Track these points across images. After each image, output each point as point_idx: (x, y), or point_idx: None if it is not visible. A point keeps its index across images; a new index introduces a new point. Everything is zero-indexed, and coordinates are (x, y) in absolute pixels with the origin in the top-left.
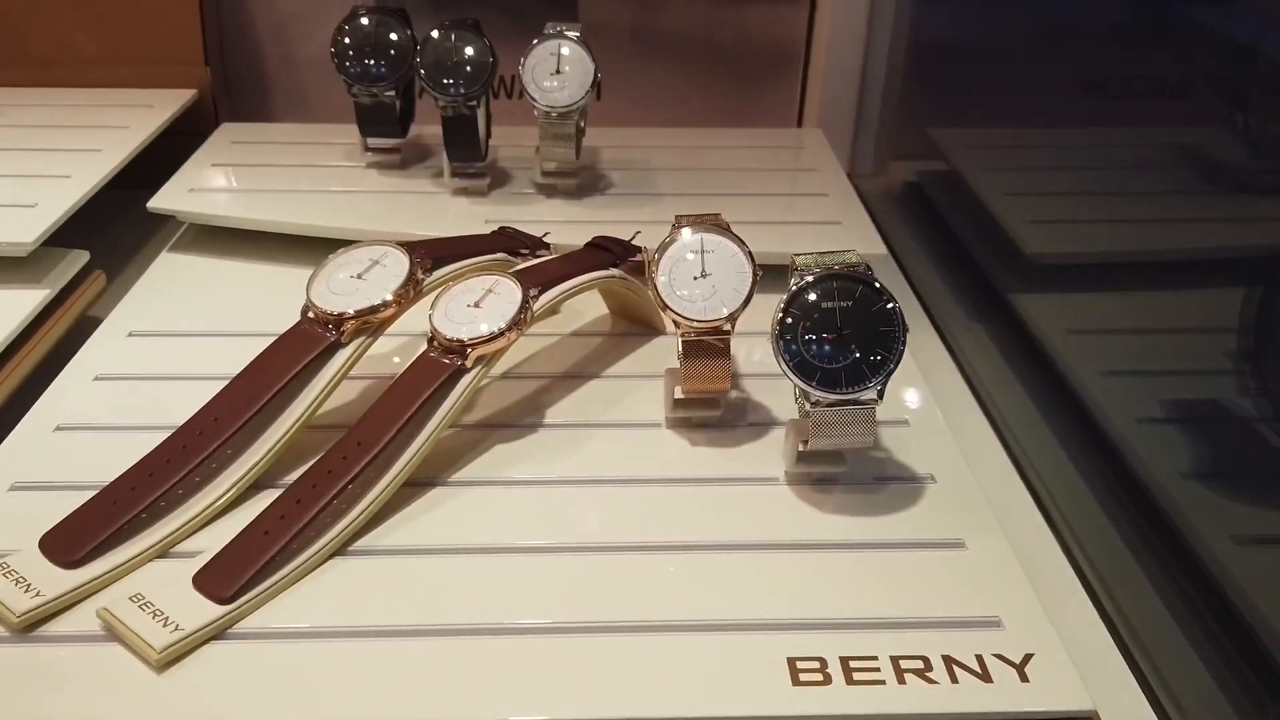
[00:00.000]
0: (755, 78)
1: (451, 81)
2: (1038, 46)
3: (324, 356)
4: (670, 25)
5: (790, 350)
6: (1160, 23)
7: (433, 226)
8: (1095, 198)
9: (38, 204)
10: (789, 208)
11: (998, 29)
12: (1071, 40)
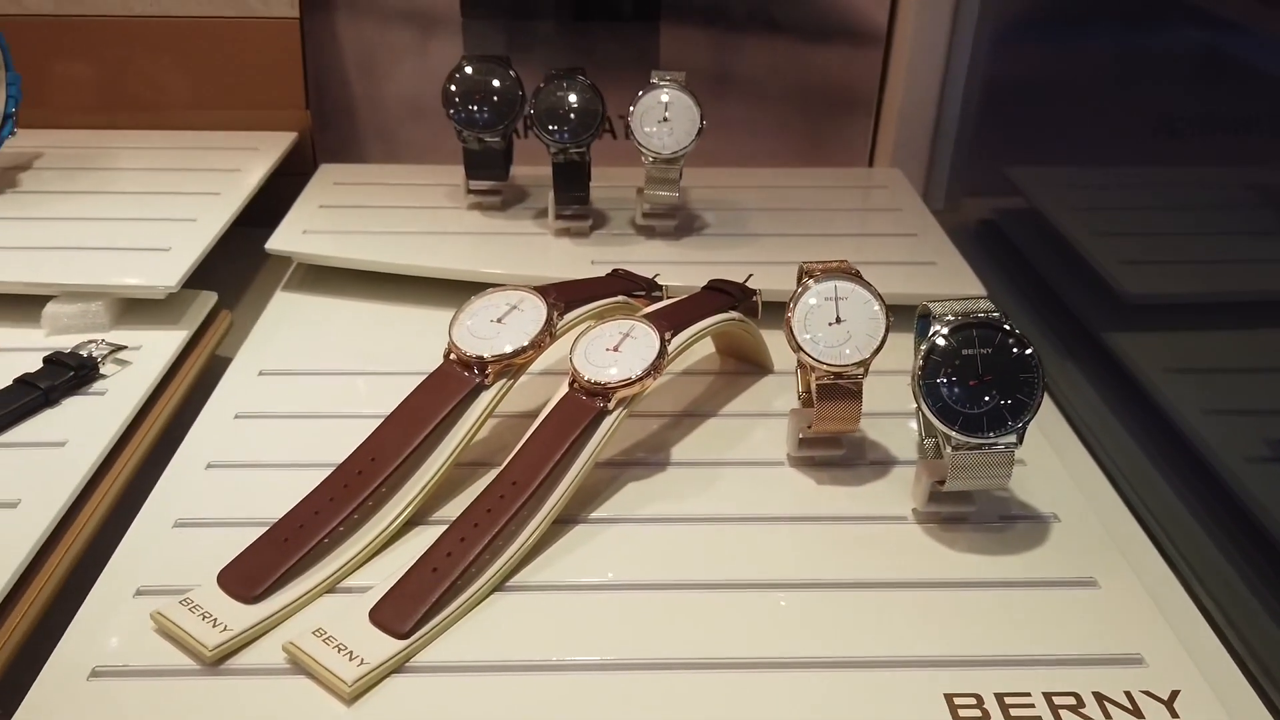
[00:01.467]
0: (828, 117)
1: (559, 128)
2: (1120, 84)
3: (469, 398)
4: (746, 67)
5: (933, 395)
6: (1250, 58)
7: (537, 266)
8: (1186, 237)
9: (171, 248)
10: (881, 248)
11: (1078, 67)
12: (1156, 77)
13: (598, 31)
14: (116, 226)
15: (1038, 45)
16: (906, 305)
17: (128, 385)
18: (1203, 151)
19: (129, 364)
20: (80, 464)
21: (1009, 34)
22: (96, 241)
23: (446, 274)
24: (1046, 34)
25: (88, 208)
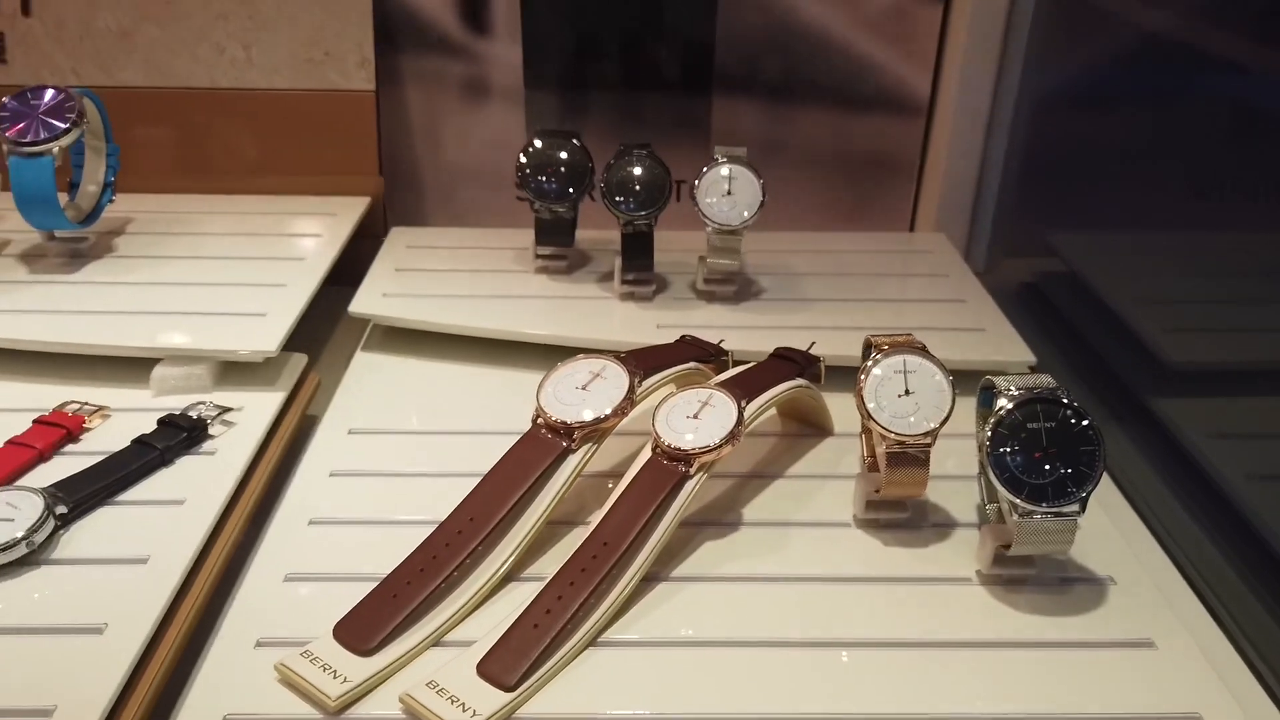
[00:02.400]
0: (872, 181)
1: (628, 200)
2: (1159, 150)
3: (558, 461)
4: (793, 134)
5: (1000, 466)
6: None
7: (605, 330)
8: (1227, 304)
9: (267, 313)
10: (931, 314)
11: (1117, 134)
12: (1194, 143)
13: (652, 101)
14: (215, 292)
15: (1077, 113)
16: (960, 371)
17: (234, 445)
18: (1241, 218)
19: (234, 425)
20: (200, 522)
21: (1049, 102)
22: (197, 307)
23: (518, 336)
24: (1086, 102)
25: (185, 273)
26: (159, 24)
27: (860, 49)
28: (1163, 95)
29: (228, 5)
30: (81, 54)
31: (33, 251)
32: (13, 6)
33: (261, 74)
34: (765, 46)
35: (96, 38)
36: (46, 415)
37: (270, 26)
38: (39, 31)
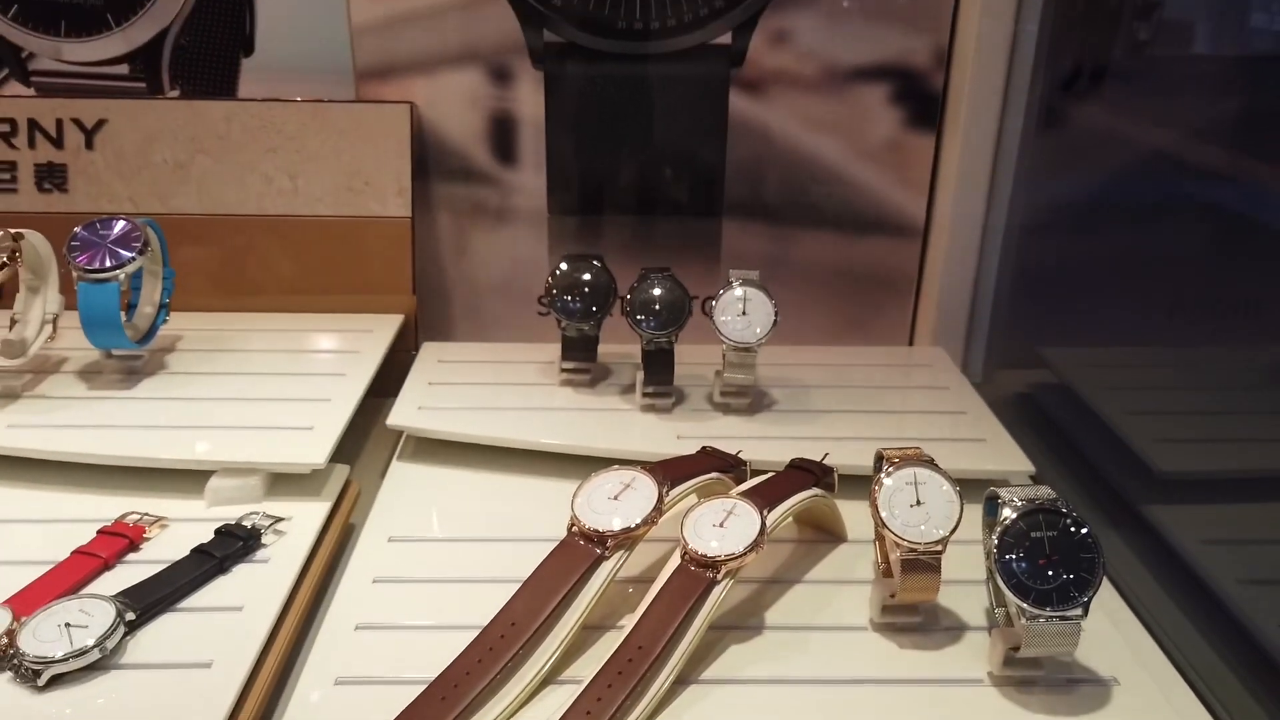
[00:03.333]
0: (871, 298)
1: (650, 319)
2: (1144, 268)
3: (592, 568)
4: (797, 254)
5: (1008, 572)
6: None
7: (628, 441)
8: (1215, 415)
9: (313, 426)
10: (934, 425)
11: (1103, 253)
12: (1177, 261)
13: (666, 224)
14: (264, 406)
15: (1064, 234)
16: (964, 479)
17: (286, 553)
18: (1223, 332)
19: (284, 534)
20: (258, 627)
21: (1037, 224)
22: (248, 421)
23: (546, 447)
24: (1072, 223)
25: (235, 388)
26: (213, 157)
27: (858, 176)
28: (1146, 214)
29: (277, 140)
30: (139, 184)
31: (90, 368)
32: (77, 142)
33: (306, 202)
34: (770, 175)
35: (154, 169)
36: (109, 526)
37: (316, 159)
38: (100, 164)
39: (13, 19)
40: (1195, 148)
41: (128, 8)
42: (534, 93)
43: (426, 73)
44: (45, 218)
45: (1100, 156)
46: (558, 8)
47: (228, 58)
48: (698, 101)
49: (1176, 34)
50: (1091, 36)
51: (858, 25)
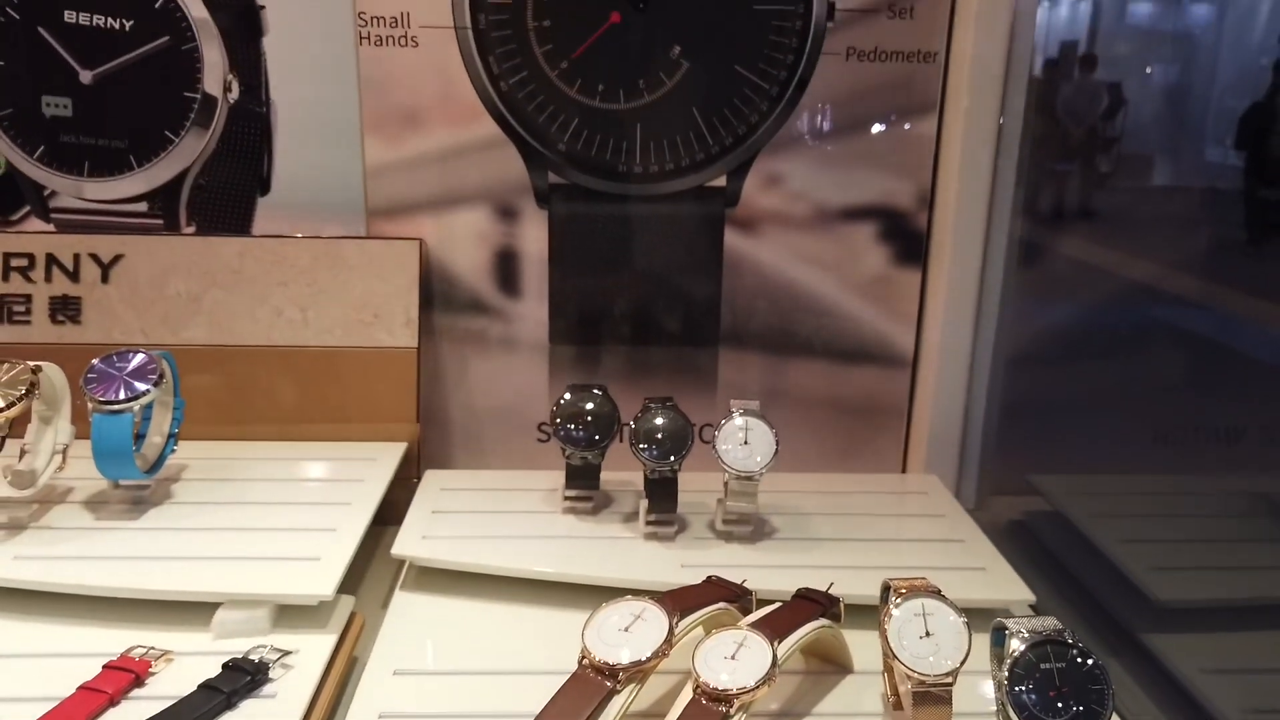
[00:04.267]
0: (864, 426)
1: (653, 448)
2: (1129, 397)
3: (605, 701)
4: (792, 383)
5: (1019, 705)
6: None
7: (633, 570)
8: (1210, 544)
9: (320, 557)
10: (933, 553)
11: (1089, 382)
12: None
13: (665, 353)
14: (269, 537)
15: (1050, 362)
16: (967, 608)
17: (293, 688)
18: (1209, 459)
19: (291, 667)
20: None
21: (1023, 353)
22: (254, 552)
23: (550, 577)
24: (1058, 352)
25: (240, 518)
26: (225, 289)
27: (849, 309)
28: (1129, 343)
29: (289, 274)
30: (151, 316)
31: (97, 498)
32: (93, 276)
33: (315, 333)
34: (765, 307)
35: (167, 302)
36: (115, 660)
37: (327, 292)
38: (114, 297)
39: (38, 159)
40: (1169, 277)
41: (150, 149)
42: (538, 229)
43: (435, 211)
44: (57, 348)
45: (1080, 288)
46: (562, 152)
47: (245, 197)
48: (694, 239)
49: (1139, 169)
50: (1066, 178)
51: (845, 169)
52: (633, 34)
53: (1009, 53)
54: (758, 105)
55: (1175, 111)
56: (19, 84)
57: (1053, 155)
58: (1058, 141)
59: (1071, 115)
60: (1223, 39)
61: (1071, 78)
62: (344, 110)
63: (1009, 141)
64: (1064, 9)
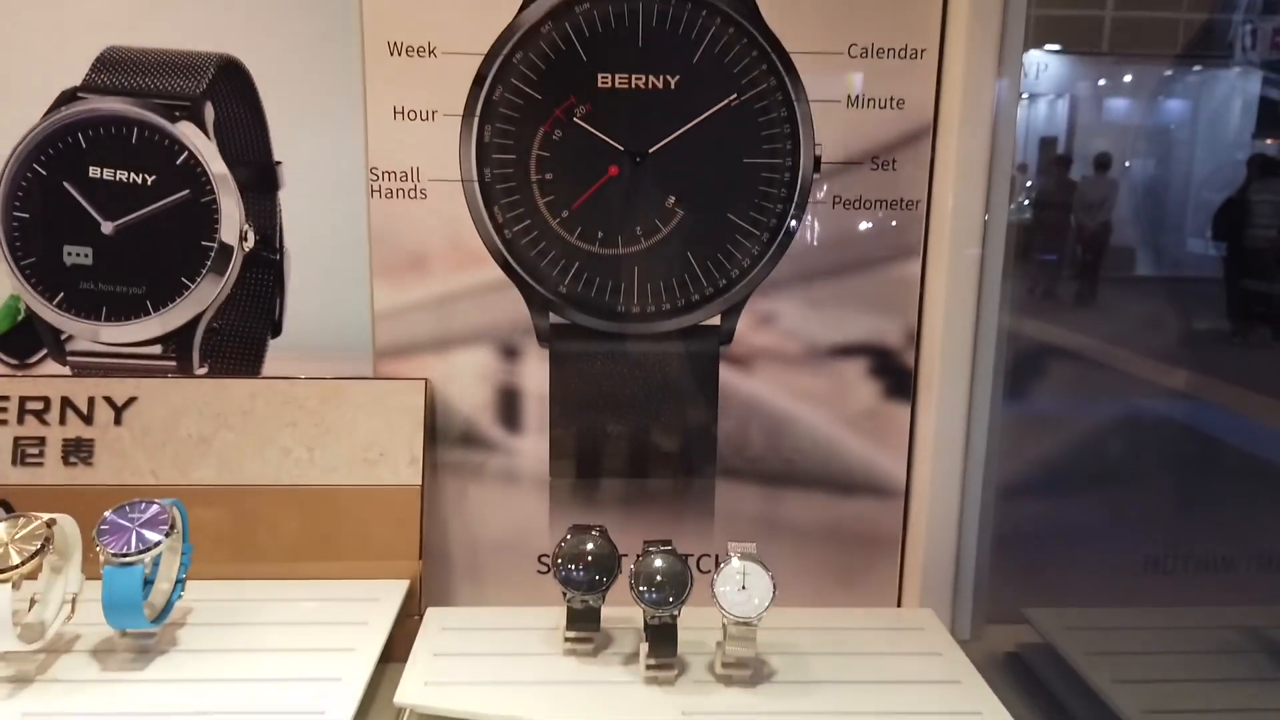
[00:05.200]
0: (859, 557)
1: (652, 591)
2: (1118, 531)
3: None
4: (787, 514)
5: None
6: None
7: (634, 715)
8: (1207, 684)
9: (324, 711)
10: (931, 696)
11: (1080, 515)
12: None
13: (662, 485)
14: (273, 687)
15: (1039, 495)
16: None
17: None
18: (1204, 592)
19: None
20: None
21: (1013, 487)
22: (259, 705)
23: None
24: (1046, 485)
25: (245, 668)
26: (235, 430)
27: (841, 442)
28: (1118, 477)
29: (298, 414)
30: (162, 458)
31: (103, 647)
32: (106, 418)
33: (321, 472)
34: (759, 440)
35: (178, 444)
36: None
37: (334, 432)
38: (126, 439)
39: (57, 305)
40: (1161, 375)
41: (166, 295)
42: (539, 367)
43: (440, 350)
44: (68, 490)
45: (1069, 423)
46: (563, 295)
47: (257, 339)
48: (691, 375)
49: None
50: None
51: (834, 309)
52: (630, 185)
53: (987, 200)
54: (749, 250)
55: (1156, 206)
56: (43, 235)
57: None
58: (1037, 271)
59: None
60: (1198, 134)
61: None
62: (354, 257)
63: (990, 281)
64: (1041, 108)
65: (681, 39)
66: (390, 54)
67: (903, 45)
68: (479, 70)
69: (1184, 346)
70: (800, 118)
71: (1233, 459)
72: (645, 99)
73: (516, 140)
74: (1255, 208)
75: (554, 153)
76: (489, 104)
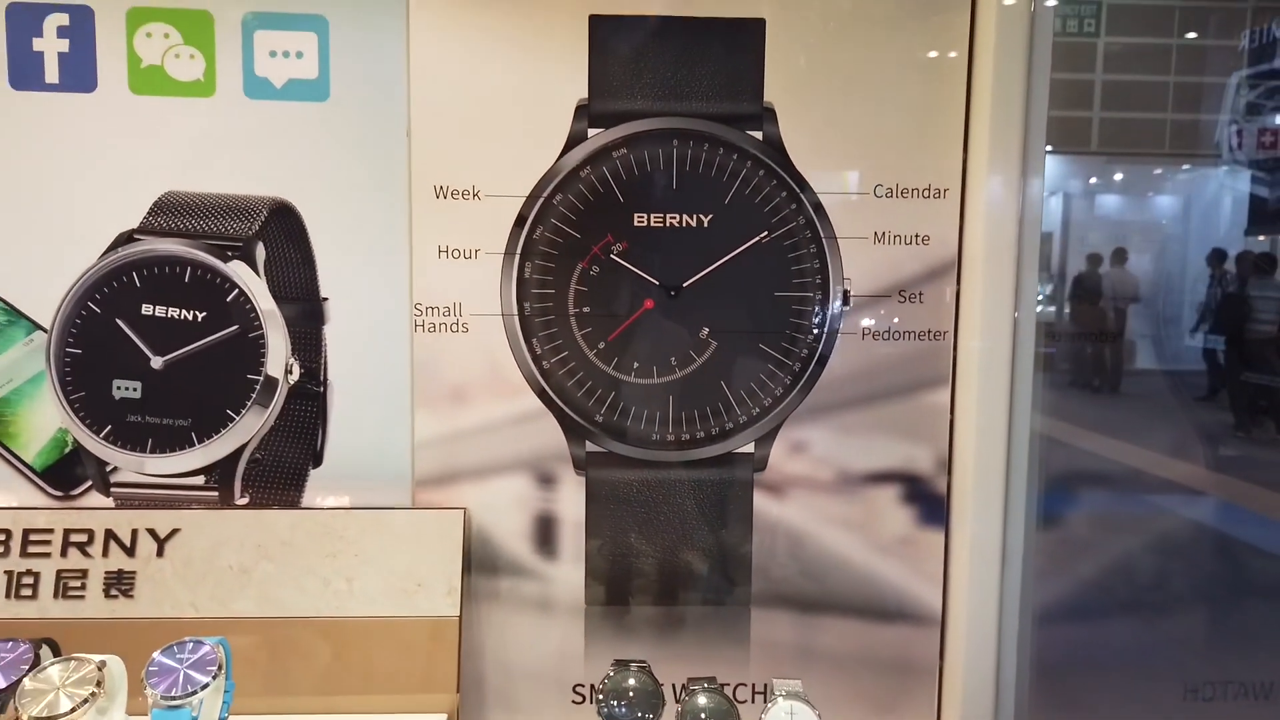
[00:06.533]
0: (896, 682)
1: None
2: (1158, 651)
3: None
4: (823, 640)
5: None
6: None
7: None
8: None
9: None
10: None
11: (1119, 638)
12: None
13: (698, 612)
14: None
15: (1078, 618)
16: None
17: None
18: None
19: None
20: None
21: (1051, 611)
22: None
23: None
24: (1084, 607)
25: None
26: (275, 562)
27: (876, 569)
28: (1157, 599)
29: (338, 545)
30: (202, 590)
31: None
32: (149, 550)
33: (359, 603)
34: (794, 567)
35: (218, 575)
36: None
37: (373, 563)
38: (168, 571)
39: (104, 438)
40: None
41: (211, 427)
42: (575, 494)
43: (478, 479)
44: (108, 623)
45: (1103, 546)
46: (599, 423)
47: (298, 470)
48: (725, 503)
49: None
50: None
51: (866, 437)
52: (665, 318)
53: (1014, 334)
54: (781, 379)
55: (1153, 300)
56: (93, 370)
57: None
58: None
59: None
60: (1190, 231)
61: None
62: (396, 389)
63: (1020, 407)
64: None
65: (713, 180)
66: (436, 197)
67: (926, 185)
68: (520, 211)
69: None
70: (829, 253)
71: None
72: (679, 236)
73: (555, 276)
74: (1255, 303)
75: (591, 287)
76: (529, 243)
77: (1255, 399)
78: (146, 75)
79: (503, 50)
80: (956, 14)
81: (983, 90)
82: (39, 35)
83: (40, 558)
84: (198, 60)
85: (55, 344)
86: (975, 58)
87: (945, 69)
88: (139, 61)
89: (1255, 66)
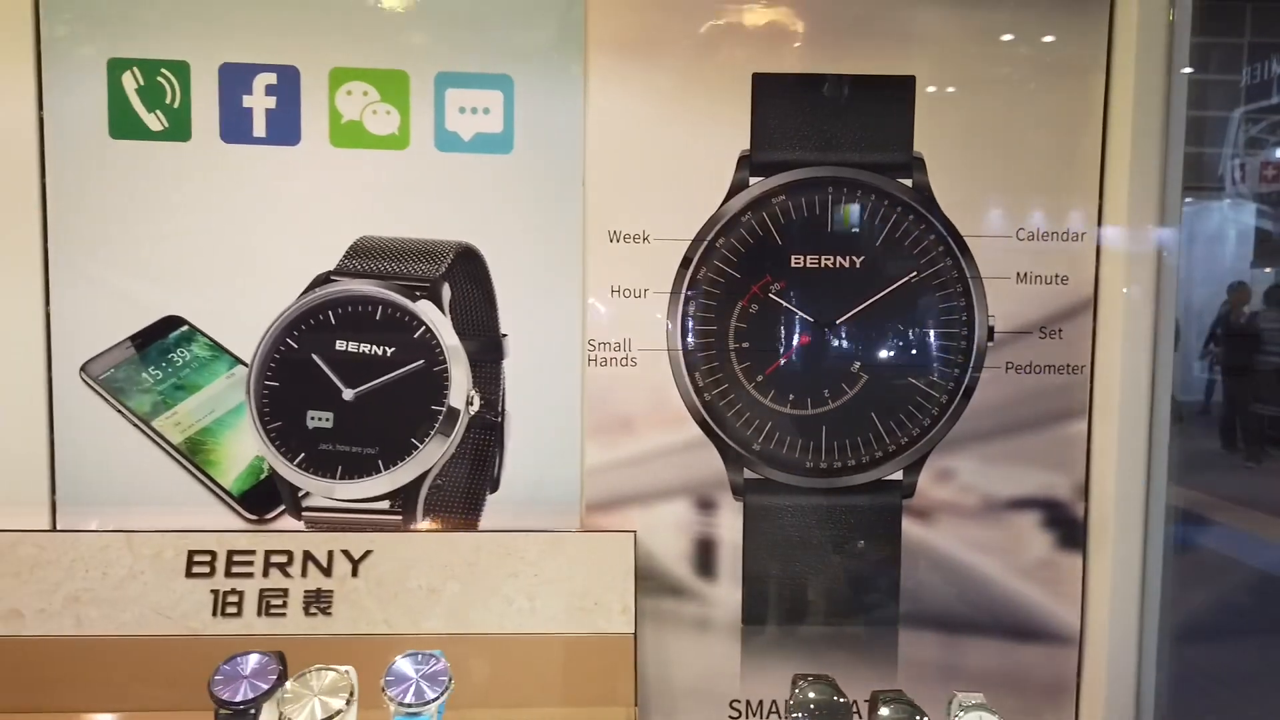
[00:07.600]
0: (1035, 703)
1: None
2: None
3: None
4: (964, 660)
5: None
6: None
7: None
8: None
9: None
10: None
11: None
12: None
13: (848, 631)
14: None
15: (1218, 639)
16: None
17: None
18: None
19: None
20: None
21: (1191, 631)
22: None
23: None
24: (1224, 628)
25: None
26: (461, 582)
27: (1017, 591)
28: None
29: (519, 566)
30: (394, 608)
31: None
32: (344, 570)
33: (540, 621)
34: (939, 589)
35: (409, 594)
36: None
37: (553, 583)
38: (362, 590)
39: (298, 465)
40: None
41: (397, 454)
42: (733, 519)
43: (643, 504)
44: (309, 639)
45: (1238, 570)
46: (757, 452)
47: (476, 495)
48: (875, 527)
49: None
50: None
51: (1007, 465)
52: (819, 352)
53: (1154, 365)
54: (929, 411)
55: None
56: (289, 402)
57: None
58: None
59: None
60: (1193, 261)
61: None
62: (568, 419)
63: (1159, 435)
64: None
65: (866, 224)
66: (609, 240)
67: (1064, 230)
68: (686, 253)
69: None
70: (974, 292)
71: None
72: (833, 276)
73: (717, 314)
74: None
75: (750, 324)
76: (694, 282)
77: (1265, 429)
78: (346, 130)
79: (672, 106)
80: (1093, 75)
81: (1120, 145)
82: (249, 93)
83: (244, 578)
84: (393, 116)
85: (255, 377)
86: (1110, 115)
87: (1081, 123)
88: (340, 117)
89: (1256, 102)
